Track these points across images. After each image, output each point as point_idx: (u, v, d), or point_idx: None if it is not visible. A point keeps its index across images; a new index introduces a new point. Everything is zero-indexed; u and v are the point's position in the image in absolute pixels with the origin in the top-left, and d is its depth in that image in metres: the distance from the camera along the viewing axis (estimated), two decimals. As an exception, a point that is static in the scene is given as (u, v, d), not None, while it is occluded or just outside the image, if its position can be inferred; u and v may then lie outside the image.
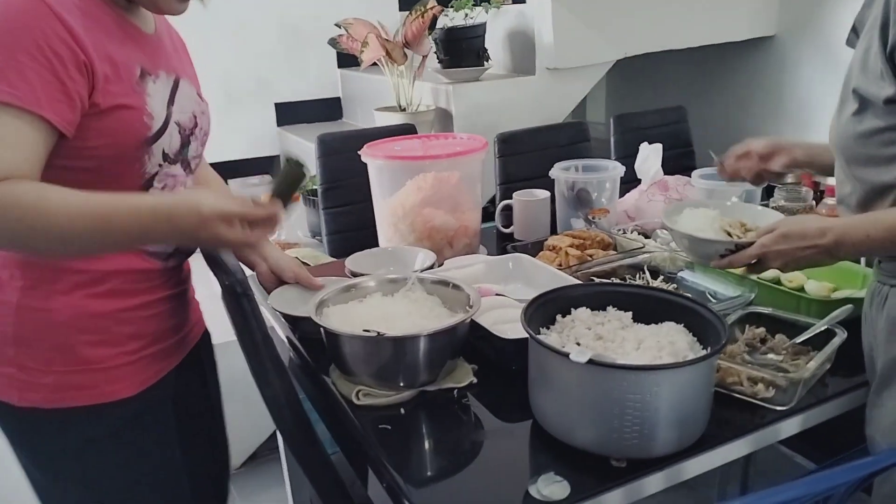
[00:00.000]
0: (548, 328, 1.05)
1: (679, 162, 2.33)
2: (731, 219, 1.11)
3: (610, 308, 1.07)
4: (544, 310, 1.05)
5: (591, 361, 0.83)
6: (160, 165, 0.99)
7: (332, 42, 2.44)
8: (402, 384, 1.06)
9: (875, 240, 0.90)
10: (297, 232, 2.48)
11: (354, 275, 1.38)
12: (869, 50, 0.89)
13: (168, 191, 1.02)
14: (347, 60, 3.00)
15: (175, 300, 1.09)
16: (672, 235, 1.13)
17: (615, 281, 1.34)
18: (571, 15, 2.42)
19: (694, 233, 1.08)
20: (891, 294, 0.97)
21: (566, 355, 0.85)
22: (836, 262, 1.00)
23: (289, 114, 3.22)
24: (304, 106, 3.26)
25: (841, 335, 1.06)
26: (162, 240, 0.97)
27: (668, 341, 0.97)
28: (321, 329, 1.08)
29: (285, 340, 1.33)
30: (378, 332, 1.01)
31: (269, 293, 1.31)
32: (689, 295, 1.11)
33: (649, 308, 1.05)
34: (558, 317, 1.06)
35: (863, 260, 1.29)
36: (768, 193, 1.62)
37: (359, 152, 1.65)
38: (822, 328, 1.09)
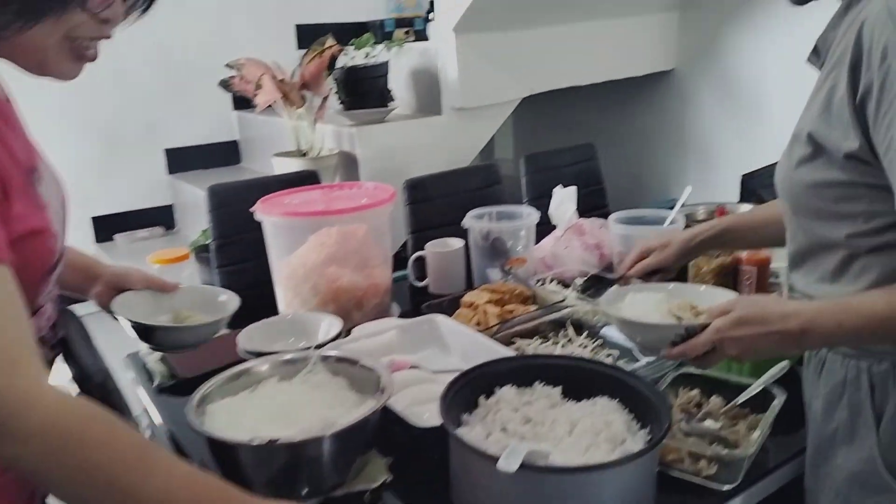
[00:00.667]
0: (470, 413, 0.92)
1: (591, 201, 2.29)
2: (680, 301, 0.97)
3: (537, 384, 0.96)
4: (466, 392, 0.93)
5: (523, 466, 0.71)
6: (48, 294, 0.80)
7: (224, 84, 2.27)
8: (304, 493, 0.90)
9: (848, 329, 0.78)
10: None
11: (249, 353, 1.21)
12: (833, 91, 0.79)
13: (43, 317, 0.82)
14: (244, 102, 2.82)
15: None
16: (615, 324, 0.99)
17: (540, 353, 1.24)
18: (476, 53, 2.36)
19: (638, 318, 0.94)
20: (829, 360, 0.90)
21: (494, 460, 0.72)
22: (801, 352, 0.91)
23: (181, 160, 2.99)
24: (197, 151, 3.04)
25: (780, 397, 1.00)
26: None
27: (604, 422, 0.87)
28: (205, 438, 0.90)
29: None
30: (270, 440, 0.84)
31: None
32: (620, 366, 1.01)
33: (580, 381, 0.94)
34: (482, 399, 0.94)
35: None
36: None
37: (251, 209, 1.48)
38: (759, 389, 1.02)
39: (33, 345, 0.67)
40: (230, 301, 1.18)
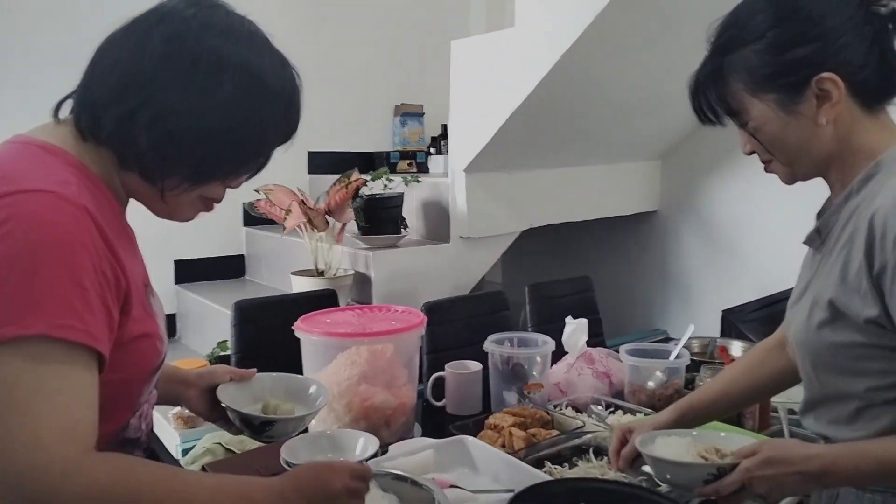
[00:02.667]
0: (523, 531, 1.00)
1: (589, 329, 2.43)
2: (707, 445, 1.06)
3: (583, 505, 1.05)
4: (519, 512, 1.01)
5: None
6: (149, 394, 0.89)
7: (250, 206, 2.43)
8: None
9: (865, 473, 0.88)
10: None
11: (289, 465, 1.27)
12: (848, 265, 0.90)
13: (143, 419, 0.90)
14: (254, 219, 2.97)
15: None
16: (649, 462, 1.05)
17: (584, 477, 1.31)
18: (483, 190, 2.58)
19: (670, 458, 1.01)
20: (842, 493, 0.99)
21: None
22: (822, 488, 1.00)
23: (188, 271, 3.10)
24: (204, 263, 3.15)
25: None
26: None
27: (649, 544, 0.95)
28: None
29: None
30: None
31: (206, 416, 1.15)
32: (660, 491, 1.10)
33: (622, 504, 1.03)
34: (534, 518, 1.02)
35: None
36: (695, 368, 1.71)
37: (293, 327, 1.58)
38: (778, 517, 1.12)
39: (92, 428, 0.72)
40: (319, 390, 1.22)
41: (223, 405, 1.08)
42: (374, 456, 1.34)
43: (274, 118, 0.86)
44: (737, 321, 2.74)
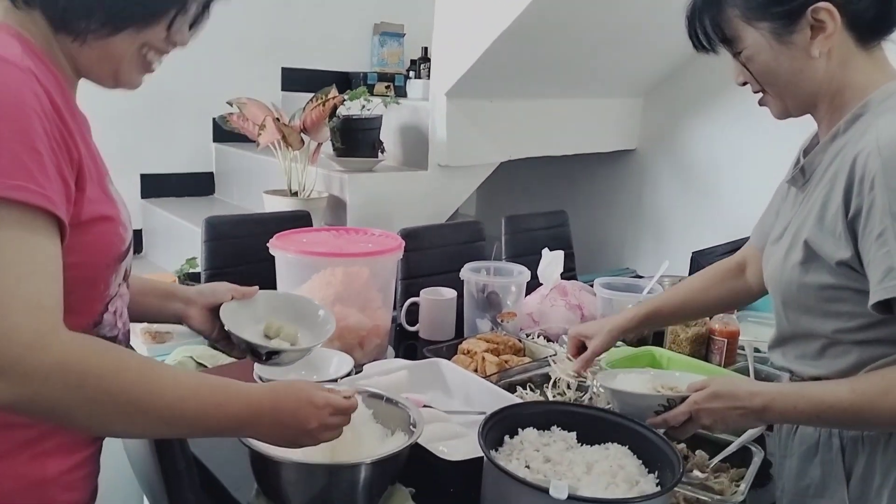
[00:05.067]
0: (496, 450, 1.02)
1: (563, 264, 2.45)
2: (663, 382, 1.13)
3: (555, 428, 1.07)
4: (494, 431, 1.02)
5: (571, 497, 0.81)
6: (119, 286, 0.85)
7: (221, 119, 2.34)
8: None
9: (802, 412, 0.92)
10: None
11: (262, 381, 1.27)
12: (827, 206, 0.91)
13: (118, 317, 0.87)
14: (225, 134, 2.87)
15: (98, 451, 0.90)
16: (608, 394, 1.14)
17: (558, 399, 1.35)
18: (463, 117, 2.53)
19: (625, 389, 1.09)
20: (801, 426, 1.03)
21: (545, 490, 0.82)
22: (762, 424, 1.05)
23: (155, 186, 3.00)
24: (172, 179, 3.06)
25: (759, 455, 1.14)
26: (253, 434, 0.85)
27: (618, 465, 0.98)
28: (248, 449, 0.96)
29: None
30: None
31: (208, 335, 1.10)
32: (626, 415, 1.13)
33: (594, 428, 1.05)
34: (506, 437, 1.04)
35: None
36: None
37: (268, 244, 1.55)
38: (739, 446, 1.16)
39: (57, 300, 0.69)
40: (327, 316, 1.17)
41: (226, 329, 1.04)
42: (348, 375, 1.35)
43: None
44: (706, 263, 2.77)
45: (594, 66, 2.73)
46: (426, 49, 3.22)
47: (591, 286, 1.83)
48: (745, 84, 1.02)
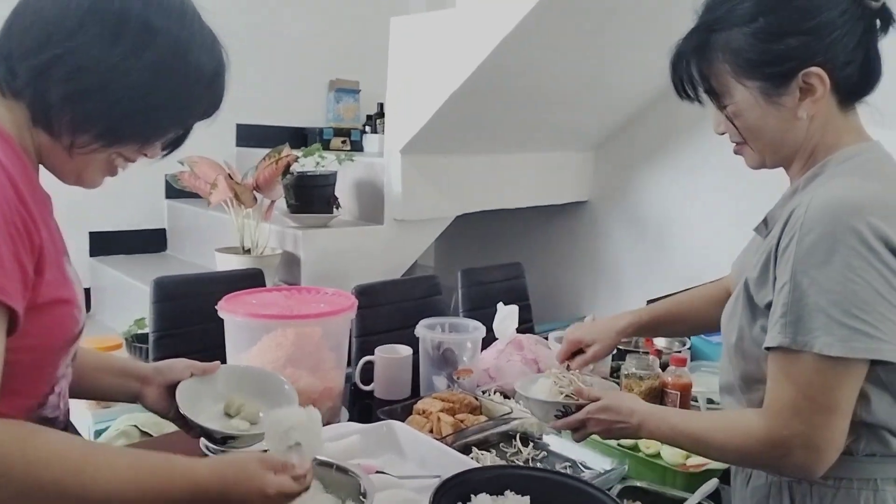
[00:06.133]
0: (450, 519, 0.99)
1: (519, 315, 2.45)
2: (574, 389, 1.18)
3: (508, 492, 1.05)
4: (445, 499, 1.00)
5: (521, 570, 0.79)
6: (66, 367, 0.82)
7: (173, 178, 2.31)
8: None
9: (664, 434, 0.99)
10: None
11: (209, 451, 1.22)
12: (766, 254, 0.92)
13: (61, 398, 0.84)
14: (177, 191, 2.84)
15: None
16: (521, 401, 1.25)
17: (512, 463, 1.34)
18: (418, 173, 2.55)
19: (532, 395, 1.16)
20: (754, 474, 1.03)
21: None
22: (640, 438, 1.09)
23: (104, 244, 2.94)
24: (122, 236, 3.00)
25: (714, 510, 1.13)
26: None
27: (572, 530, 0.96)
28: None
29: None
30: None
31: (164, 415, 1.04)
32: (584, 478, 1.12)
33: (549, 492, 1.04)
34: (459, 504, 1.02)
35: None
36: (620, 357, 1.74)
37: (216, 307, 1.51)
38: (696, 502, 1.16)
39: None
40: (291, 393, 1.10)
41: (181, 412, 0.99)
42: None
43: (195, 94, 0.84)
44: (660, 311, 2.83)
45: (546, 121, 2.80)
46: (382, 104, 3.26)
47: (547, 338, 1.83)
48: (724, 133, 1.02)
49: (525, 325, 2.38)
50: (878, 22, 0.93)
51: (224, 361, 1.58)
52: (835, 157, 0.94)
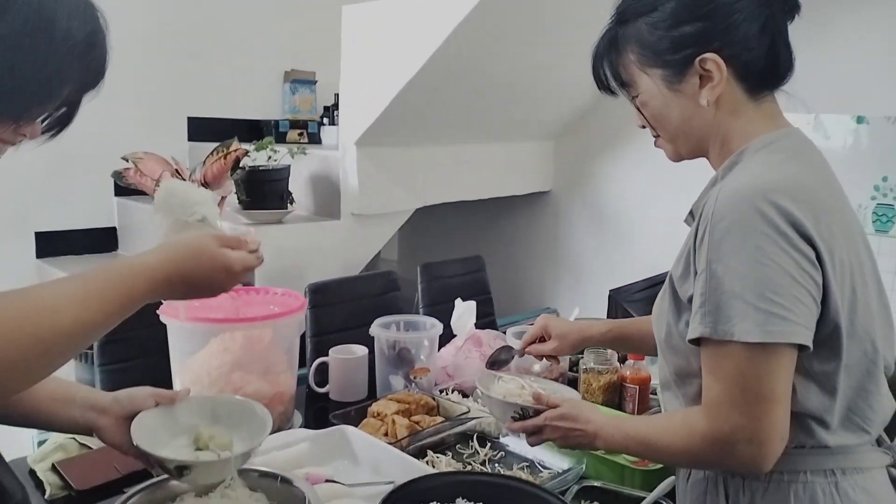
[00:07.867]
0: (398, 530, 0.95)
1: (480, 309, 2.42)
2: (534, 391, 1.15)
3: (460, 500, 1.01)
4: (394, 510, 0.96)
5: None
6: None
7: (117, 175, 2.22)
8: None
9: (618, 443, 0.98)
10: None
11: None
12: (688, 252, 0.90)
13: None
14: (127, 188, 2.73)
15: None
16: (480, 398, 1.23)
17: (461, 470, 1.30)
18: (375, 165, 2.49)
19: (492, 393, 1.14)
20: (693, 471, 1.01)
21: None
22: (598, 449, 1.07)
23: (51, 244, 2.81)
24: (70, 236, 2.88)
25: (670, 509, 1.11)
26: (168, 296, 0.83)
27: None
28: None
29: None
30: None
31: (125, 451, 0.93)
32: (534, 482, 1.09)
33: (501, 498, 1.00)
34: (408, 515, 0.98)
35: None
36: (579, 351, 1.72)
37: (157, 311, 1.45)
38: (652, 501, 1.13)
39: None
40: (265, 417, 0.99)
41: (134, 444, 0.89)
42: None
43: (66, 63, 0.75)
44: (623, 301, 2.81)
45: (504, 112, 2.76)
46: (338, 96, 3.19)
47: (505, 333, 1.80)
48: (644, 127, 1.03)
49: (487, 319, 2.34)
50: (785, 9, 0.93)
51: (168, 367, 1.52)
52: (752, 144, 0.93)
